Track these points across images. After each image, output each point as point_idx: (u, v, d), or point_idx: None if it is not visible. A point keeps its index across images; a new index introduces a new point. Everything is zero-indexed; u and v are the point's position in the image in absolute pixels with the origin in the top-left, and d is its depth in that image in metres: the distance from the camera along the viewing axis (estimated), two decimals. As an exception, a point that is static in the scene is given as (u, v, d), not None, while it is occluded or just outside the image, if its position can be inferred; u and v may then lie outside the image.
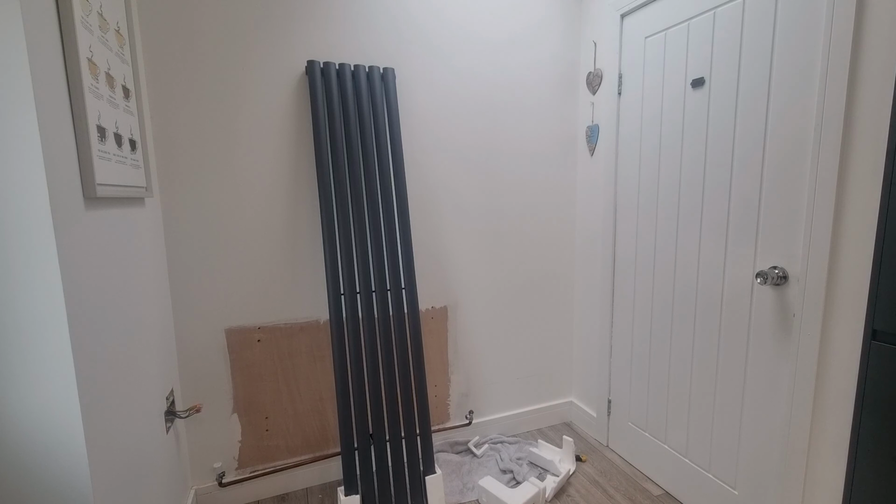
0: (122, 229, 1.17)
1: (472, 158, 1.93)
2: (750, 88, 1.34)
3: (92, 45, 1.00)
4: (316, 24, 1.64)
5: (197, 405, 1.56)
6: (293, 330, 1.74)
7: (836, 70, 1.11)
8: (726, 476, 1.51)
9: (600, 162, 1.98)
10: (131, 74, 1.26)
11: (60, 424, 0.86)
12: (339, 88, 1.63)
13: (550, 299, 2.18)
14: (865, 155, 1.08)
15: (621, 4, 1.77)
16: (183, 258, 1.57)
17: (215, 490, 1.69)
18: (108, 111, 1.07)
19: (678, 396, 1.67)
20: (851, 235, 1.12)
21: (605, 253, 1.97)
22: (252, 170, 1.62)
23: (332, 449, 1.86)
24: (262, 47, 1.58)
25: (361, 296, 1.61)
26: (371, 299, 1.62)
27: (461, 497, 1.74)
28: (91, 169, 0.95)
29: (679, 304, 1.64)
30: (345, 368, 1.58)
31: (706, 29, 1.45)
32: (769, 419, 1.36)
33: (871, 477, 1.10)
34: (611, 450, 2.04)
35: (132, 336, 1.19)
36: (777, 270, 1.28)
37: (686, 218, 1.58)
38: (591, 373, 2.14)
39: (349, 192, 1.62)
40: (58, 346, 0.84)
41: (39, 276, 0.82)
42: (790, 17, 1.22)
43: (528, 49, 1.97)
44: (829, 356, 1.18)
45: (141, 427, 1.20)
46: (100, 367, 0.97)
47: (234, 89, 1.56)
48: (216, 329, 1.64)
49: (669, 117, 1.62)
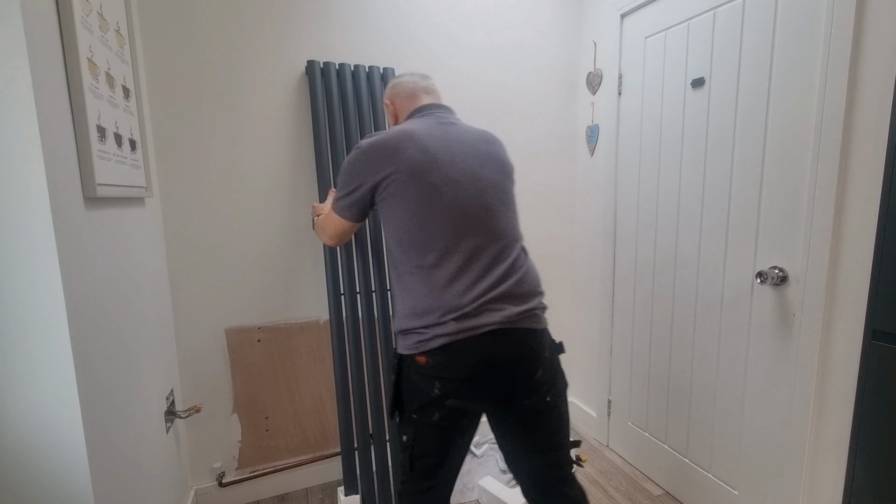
0: (122, 229, 1.17)
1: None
2: (750, 88, 1.34)
3: (92, 45, 1.00)
4: (316, 24, 1.64)
5: (197, 405, 1.56)
6: (293, 330, 1.74)
7: (836, 70, 1.11)
8: (726, 476, 1.51)
9: (600, 162, 1.98)
10: (131, 74, 1.26)
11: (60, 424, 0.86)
12: (339, 88, 1.63)
13: (550, 299, 2.18)
14: (865, 155, 1.08)
15: (621, 4, 1.77)
16: (183, 258, 1.57)
17: (215, 490, 1.69)
18: (108, 111, 1.07)
19: (678, 396, 1.67)
20: (851, 235, 1.12)
21: (605, 252, 1.97)
22: (252, 169, 1.62)
23: (332, 449, 1.86)
24: (261, 47, 1.58)
25: (361, 296, 1.61)
26: (371, 299, 1.62)
27: (461, 497, 1.74)
28: (91, 169, 0.95)
29: (679, 304, 1.63)
30: (345, 368, 1.58)
31: (706, 29, 1.45)
32: (769, 419, 1.36)
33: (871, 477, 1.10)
34: (611, 450, 2.03)
35: (132, 336, 1.19)
36: (777, 270, 1.28)
37: (686, 218, 1.58)
38: (591, 373, 2.14)
39: (349, 192, 1.61)
40: (58, 346, 0.84)
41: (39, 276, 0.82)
42: (790, 17, 1.22)
43: (527, 49, 1.96)
44: (829, 356, 1.18)
45: (141, 427, 1.20)
46: (100, 367, 0.97)
47: (234, 89, 1.56)
48: (216, 329, 1.64)
49: (669, 117, 1.62)
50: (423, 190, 1.00)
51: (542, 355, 1.01)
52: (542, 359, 1.01)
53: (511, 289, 1.00)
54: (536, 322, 1.02)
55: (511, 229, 1.06)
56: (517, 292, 1.01)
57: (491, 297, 0.98)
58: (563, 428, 1.09)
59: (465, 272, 0.99)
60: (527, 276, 1.04)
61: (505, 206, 1.07)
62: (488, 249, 1.01)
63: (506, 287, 1.00)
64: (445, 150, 1.03)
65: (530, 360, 1.00)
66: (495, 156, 1.10)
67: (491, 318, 0.97)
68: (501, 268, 1.01)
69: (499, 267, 1.01)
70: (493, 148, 1.11)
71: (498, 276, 1.00)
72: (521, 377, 1.00)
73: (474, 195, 1.02)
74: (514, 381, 1.00)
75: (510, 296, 1.00)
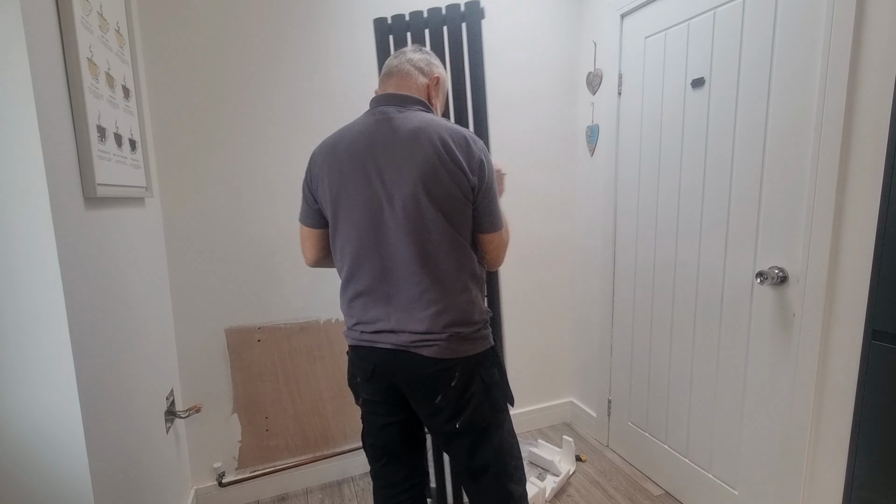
0: (122, 229, 1.17)
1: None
2: (750, 88, 1.34)
3: (92, 45, 1.00)
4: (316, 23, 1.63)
5: (197, 405, 1.56)
6: (293, 330, 1.74)
7: (836, 70, 1.11)
8: (726, 476, 1.51)
9: (600, 162, 1.98)
10: (131, 74, 1.27)
11: (60, 424, 0.86)
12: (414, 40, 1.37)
13: (550, 299, 2.18)
14: (865, 155, 1.08)
15: (621, 4, 1.77)
16: (183, 258, 1.57)
17: (215, 490, 1.69)
18: (108, 111, 1.07)
19: (678, 396, 1.67)
20: (851, 235, 1.12)
21: (605, 252, 1.97)
22: (252, 169, 1.62)
23: (332, 449, 1.86)
24: (261, 47, 1.58)
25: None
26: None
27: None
28: (91, 169, 0.95)
29: (679, 304, 1.63)
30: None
31: (706, 29, 1.45)
32: (769, 419, 1.36)
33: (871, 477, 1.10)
34: (611, 450, 2.03)
35: (132, 336, 1.19)
36: (777, 270, 1.28)
37: (686, 217, 1.58)
38: (591, 373, 2.14)
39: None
40: (58, 345, 0.84)
41: (39, 276, 0.82)
42: (790, 18, 1.22)
43: (528, 49, 1.96)
44: (829, 356, 1.18)
45: (141, 427, 1.20)
46: (100, 366, 0.97)
47: (234, 89, 1.56)
48: (216, 329, 1.64)
49: (669, 117, 1.62)
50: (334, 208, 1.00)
51: (436, 381, 0.98)
52: (439, 385, 0.98)
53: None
54: (430, 350, 0.97)
55: (403, 251, 0.95)
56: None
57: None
58: (483, 455, 1.03)
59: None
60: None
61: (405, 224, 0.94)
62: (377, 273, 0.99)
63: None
64: (353, 160, 0.96)
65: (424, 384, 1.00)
66: (417, 160, 0.92)
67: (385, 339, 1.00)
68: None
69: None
70: (419, 151, 0.92)
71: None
72: (419, 398, 1.02)
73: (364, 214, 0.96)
74: (413, 399, 1.03)
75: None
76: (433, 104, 1.06)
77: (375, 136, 0.95)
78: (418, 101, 1.01)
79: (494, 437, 1.04)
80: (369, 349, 1.01)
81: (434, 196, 0.92)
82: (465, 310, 0.98)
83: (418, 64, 1.04)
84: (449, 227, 0.94)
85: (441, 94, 1.10)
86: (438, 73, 1.07)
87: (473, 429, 1.01)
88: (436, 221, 0.93)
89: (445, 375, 0.98)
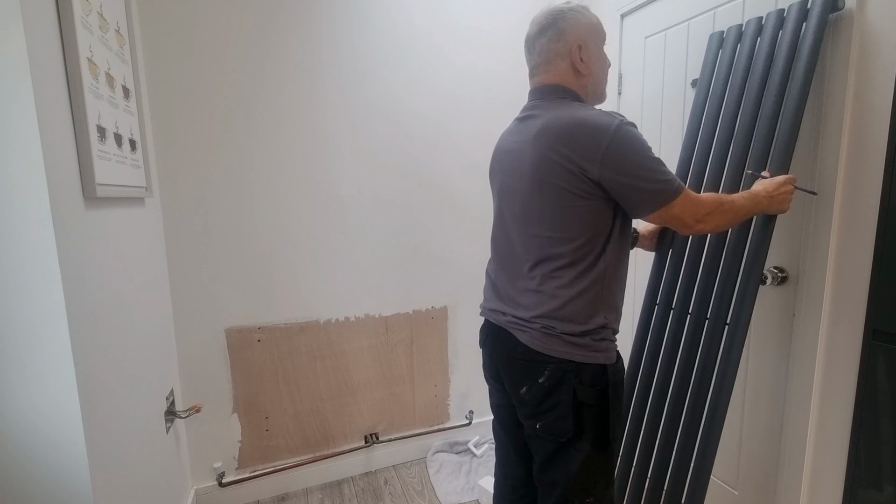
0: (122, 229, 1.17)
1: (471, 157, 1.93)
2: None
3: (92, 45, 1.00)
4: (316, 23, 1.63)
5: (197, 405, 1.56)
6: (293, 330, 1.74)
7: (835, 69, 1.11)
8: (726, 476, 1.51)
9: (600, 162, 1.97)
10: (131, 74, 1.27)
11: (60, 424, 0.86)
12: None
13: (550, 299, 2.18)
14: (865, 155, 1.08)
15: (621, 4, 1.77)
16: (183, 258, 1.57)
17: (215, 490, 1.69)
18: (108, 111, 1.07)
19: (678, 396, 1.66)
20: (851, 235, 1.12)
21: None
22: (252, 169, 1.62)
23: (332, 449, 1.86)
24: (261, 47, 1.58)
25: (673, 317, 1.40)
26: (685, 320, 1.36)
27: (461, 497, 1.74)
28: (91, 169, 0.95)
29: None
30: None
31: (706, 29, 1.45)
32: (769, 419, 1.36)
33: (871, 477, 1.10)
34: (611, 450, 2.03)
35: (132, 336, 1.19)
36: (777, 270, 1.28)
37: (686, 218, 1.57)
38: (591, 373, 2.13)
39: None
40: (58, 345, 0.84)
41: (39, 276, 0.82)
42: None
43: (528, 49, 1.96)
44: (829, 356, 1.18)
45: (141, 427, 1.20)
46: (100, 366, 0.97)
47: (234, 89, 1.56)
48: (216, 329, 1.64)
49: (669, 117, 1.61)
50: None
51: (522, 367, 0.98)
52: (525, 372, 0.97)
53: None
54: (521, 331, 0.97)
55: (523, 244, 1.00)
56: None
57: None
58: (555, 472, 0.97)
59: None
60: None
61: (524, 215, 0.99)
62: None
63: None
64: (499, 162, 1.11)
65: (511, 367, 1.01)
66: (527, 157, 0.95)
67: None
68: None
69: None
70: (528, 147, 0.95)
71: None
72: (509, 381, 1.03)
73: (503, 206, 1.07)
74: (506, 383, 1.05)
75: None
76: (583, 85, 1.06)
77: (514, 137, 1.07)
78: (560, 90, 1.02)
79: (573, 460, 0.95)
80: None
81: (537, 179, 0.95)
82: (570, 309, 0.92)
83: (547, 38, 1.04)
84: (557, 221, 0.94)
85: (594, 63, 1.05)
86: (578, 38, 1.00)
87: (553, 439, 0.96)
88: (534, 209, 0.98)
89: (535, 368, 0.95)
